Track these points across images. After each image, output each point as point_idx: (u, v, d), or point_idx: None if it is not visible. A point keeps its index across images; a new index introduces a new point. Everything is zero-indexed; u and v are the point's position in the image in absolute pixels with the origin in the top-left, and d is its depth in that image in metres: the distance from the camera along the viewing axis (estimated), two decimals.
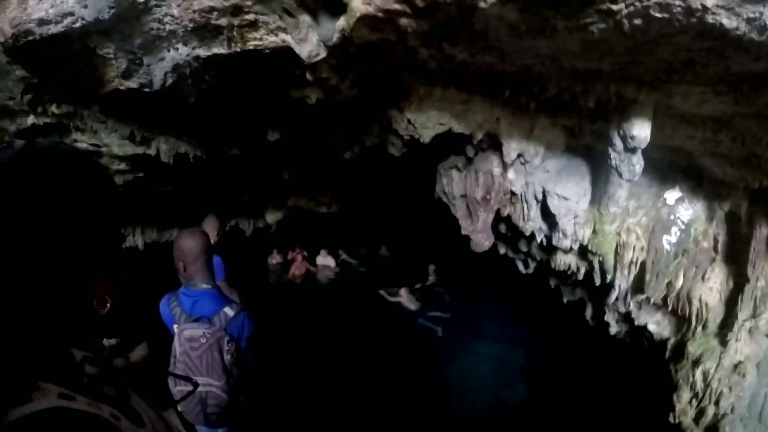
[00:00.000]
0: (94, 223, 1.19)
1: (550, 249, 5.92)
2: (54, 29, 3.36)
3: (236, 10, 3.31)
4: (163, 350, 3.73)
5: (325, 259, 14.18)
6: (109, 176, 1.29)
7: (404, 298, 11.43)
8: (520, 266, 7.16)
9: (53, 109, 5.04)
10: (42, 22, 3.30)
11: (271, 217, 12.36)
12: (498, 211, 5.78)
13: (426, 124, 4.98)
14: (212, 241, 5.52)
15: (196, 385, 3.03)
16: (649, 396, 5.93)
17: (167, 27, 3.46)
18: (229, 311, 3.68)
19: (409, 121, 5.02)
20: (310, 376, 7.63)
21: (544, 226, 5.65)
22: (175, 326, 3.69)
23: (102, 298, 1.21)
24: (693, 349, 5.25)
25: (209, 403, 3.67)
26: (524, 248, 6.55)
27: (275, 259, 14.25)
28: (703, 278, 5.08)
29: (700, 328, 5.21)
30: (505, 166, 5.35)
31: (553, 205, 5.27)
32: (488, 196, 5.58)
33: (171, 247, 3.78)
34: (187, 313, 3.65)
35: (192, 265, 3.71)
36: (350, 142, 6.69)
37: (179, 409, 3.69)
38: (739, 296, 4.79)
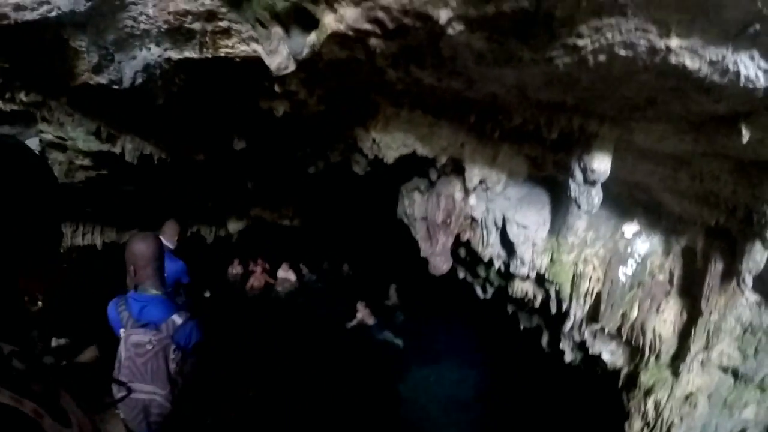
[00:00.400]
0: (31, 220, 1.16)
1: (508, 276, 5.93)
2: (29, 16, 3.28)
3: (210, 16, 3.28)
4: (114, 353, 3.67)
5: (286, 273, 14.09)
6: (52, 175, 1.26)
7: (362, 312, 11.56)
8: (479, 291, 7.17)
9: (22, 96, 4.96)
10: (18, 7, 3.22)
11: (234, 227, 12.26)
12: (458, 236, 5.79)
13: (391, 144, 4.98)
14: (172, 246, 5.48)
15: (129, 390, 3.00)
16: (602, 424, 5.96)
17: (141, 26, 3.41)
18: (177, 319, 3.63)
19: (374, 140, 5.02)
20: (262, 388, 7.56)
21: (503, 253, 5.66)
22: (121, 330, 3.62)
23: (33, 295, 1.19)
24: (645, 378, 5.29)
25: (152, 411, 3.61)
26: (483, 273, 6.56)
27: (236, 269, 14.12)
28: (657, 310, 5.12)
29: (653, 359, 5.25)
30: (466, 191, 5.36)
31: (513, 232, 5.30)
32: (449, 220, 5.59)
33: None
34: (135, 317, 3.59)
35: (143, 269, 3.66)
36: (315, 157, 6.67)
37: (121, 416, 3.64)
38: (693, 329, 4.84)
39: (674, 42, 2.33)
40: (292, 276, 14.14)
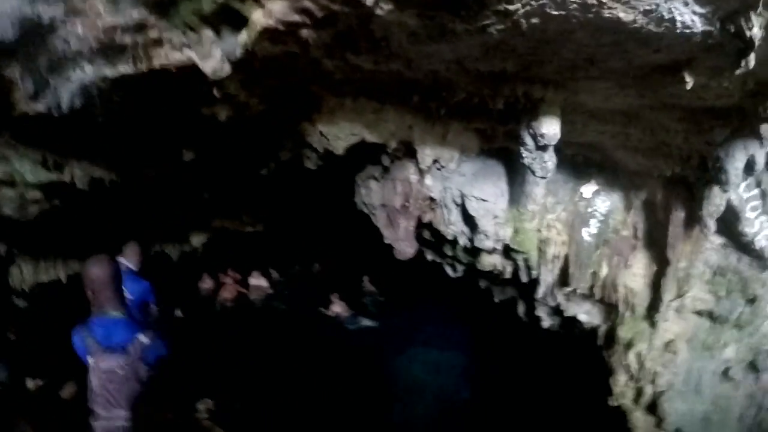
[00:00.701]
0: None
1: (474, 251, 5.92)
2: None
3: (140, 28, 3.16)
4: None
5: (258, 280, 13.93)
6: None
7: (336, 304, 11.83)
8: (449, 270, 7.15)
9: None
10: None
11: (197, 240, 12.01)
12: (419, 218, 5.76)
13: (338, 135, 4.91)
14: (135, 267, 5.37)
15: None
16: (588, 383, 6.00)
17: (72, 46, 3.27)
18: (143, 339, 3.52)
19: (321, 133, 4.95)
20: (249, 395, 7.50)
21: (466, 229, 5.64)
22: (89, 358, 3.50)
23: None
24: (623, 333, 5.34)
25: None
26: (450, 252, 6.54)
27: (206, 283, 13.90)
28: (626, 265, 5.17)
29: (628, 313, 5.30)
30: (421, 173, 5.33)
31: (472, 207, 5.28)
32: (407, 204, 5.56)
33: None
34: (101, 343, 3.46)
35: (100, 293, 3.54)
36: (265, 158, 6.57)
37: None
38: (663, 279, 4.89)
39: None
40: (264, 282, 13.94)
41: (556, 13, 2.42)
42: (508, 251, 5.61)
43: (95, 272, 3.54)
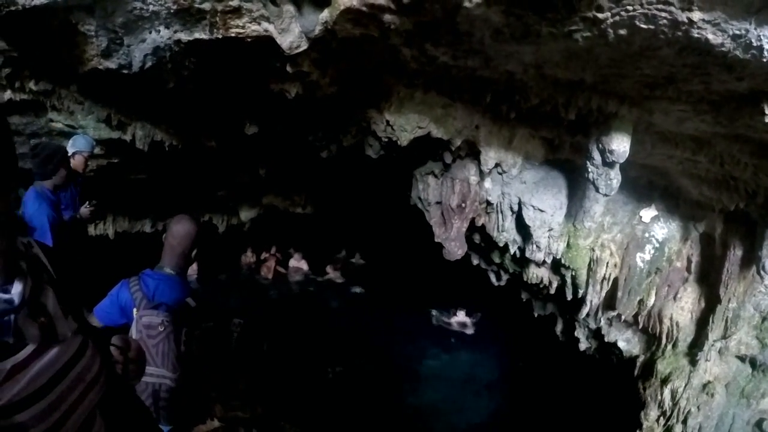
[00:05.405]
0: None
1: (523, 261, 5.87)
2: (37, 1, 3.26)
3: None
4: None
5: (298, 262, 14.09)
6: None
7: (331, 274, 13.08)
8: (493, 278, 7.10)
9: (31, 85, 4.94)
10: None
11: (246, 215, 12.17)
12: (473, 221, 5.74)
13: (405, 126, 4.91)
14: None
15: None
16: (617, 413, 5.91)
17: (150, 7, 3.35)
18: (191, 302, 3.57)
19: (387, 122, 4.95)
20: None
21: (518, 238, 5.62)
22: (134, 310, 3.54)
23: None
24: (662, 367, 5.24)
25: (162, 396, 3.54)
26: (497, 259, 6.49)
27: (249, 257, 14.11)
28: (675, 297, 5.08)
29: (670, 347, 5.21)
30: (482, 175, 5.32)
31: (528, 216, 5.25)
32: (463, 204, 5.54)
33: (142, 239, 3.69)
34: (149, 297, 3.50)
35: (171, 250, 3.59)
36: (327, 141, 6.59)
37: None
38: (711, 317, 4.80)
39: (696, 15, 2.27)
40: (304, 265, 14.13)
41: (645, 26, 2.41)
42: (557, 266, 5.54)
43: (177, 230, 3.58)
